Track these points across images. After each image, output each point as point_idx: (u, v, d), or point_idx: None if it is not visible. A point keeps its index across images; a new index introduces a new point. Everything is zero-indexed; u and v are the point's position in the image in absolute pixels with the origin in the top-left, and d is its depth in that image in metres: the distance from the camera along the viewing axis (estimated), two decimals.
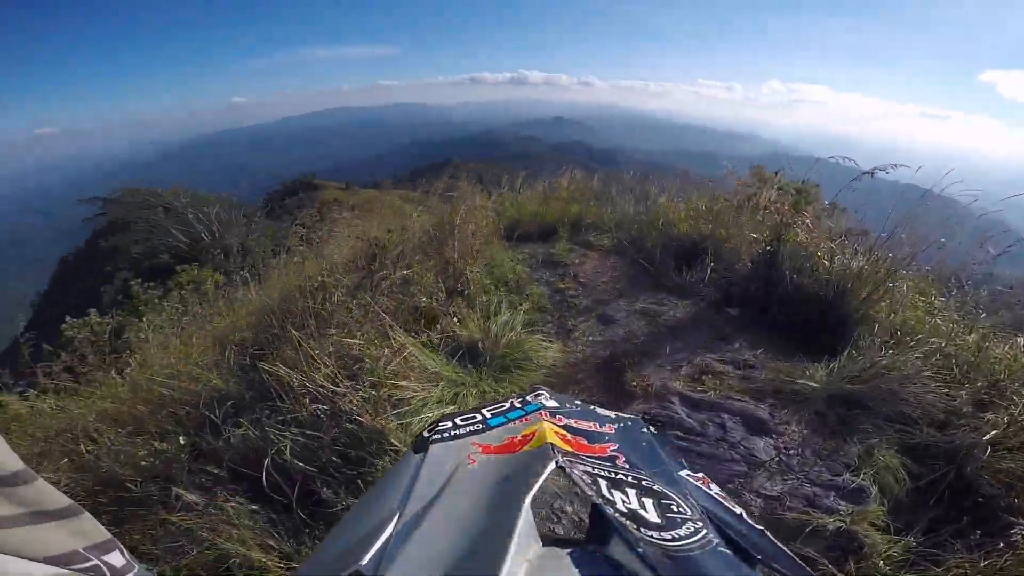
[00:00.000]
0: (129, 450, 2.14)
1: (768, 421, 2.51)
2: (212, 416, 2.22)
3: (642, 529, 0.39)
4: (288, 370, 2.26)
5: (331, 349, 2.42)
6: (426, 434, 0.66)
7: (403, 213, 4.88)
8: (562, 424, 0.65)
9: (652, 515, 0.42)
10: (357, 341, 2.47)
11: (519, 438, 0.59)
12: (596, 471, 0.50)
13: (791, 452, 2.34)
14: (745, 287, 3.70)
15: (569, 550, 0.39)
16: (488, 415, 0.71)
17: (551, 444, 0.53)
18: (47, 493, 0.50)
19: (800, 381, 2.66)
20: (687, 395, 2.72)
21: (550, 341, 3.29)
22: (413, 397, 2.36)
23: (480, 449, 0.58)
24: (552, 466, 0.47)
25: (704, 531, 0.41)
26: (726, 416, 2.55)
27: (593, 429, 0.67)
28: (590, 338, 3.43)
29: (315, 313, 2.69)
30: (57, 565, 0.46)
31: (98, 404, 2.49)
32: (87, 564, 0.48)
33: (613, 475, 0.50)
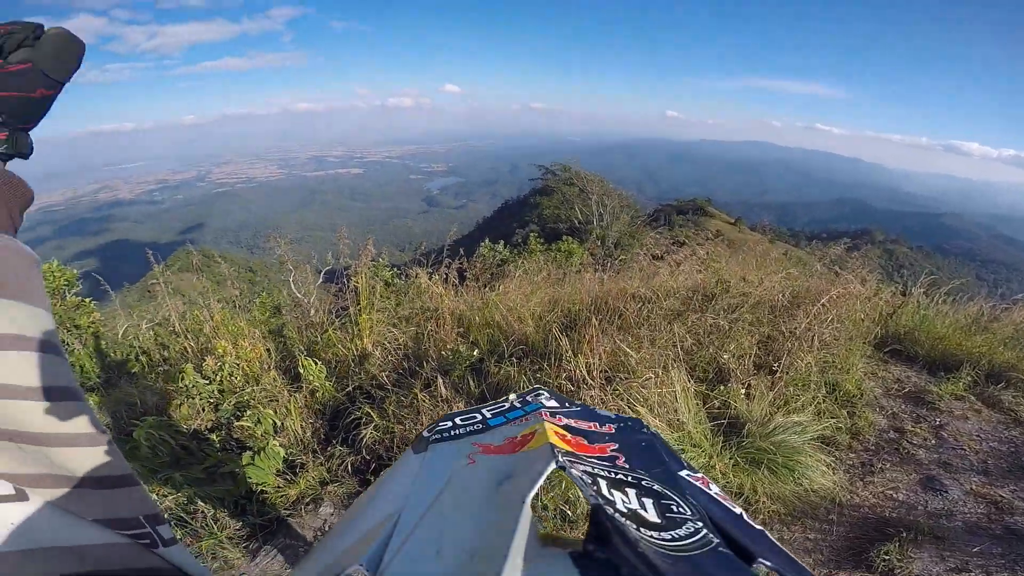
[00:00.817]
0: (443, 343, 2.87)
1: None
2: (507, 349, 2.71)
3: (642, 529, 0.39)
4: (568, 345, 2.51)
5: (610, 348, 2.55)
6: (426, 434, 0.66)
7: (773, 268, 4.43)
8: (562, 424, 0.64)
9: (652, 515, 0.42)
10: (634, 355, 2.51)
11: (519, 438, 0.58)
12: (596, 471, 0.49)
13: None
14: None
15: (569, 550, 0.39)
16: (488, 415, 0.70)
17: (551, 444, 0.52)
18: (116, 457, 0.50)
19: None
20: None
21: (834, 468, 2.60)
22: None
23: (480, 449, 0.58)
24: (552, 466, 0.46)
25: (704, 531, 0.40)
26: None
27: (593, 429, 0.65)
28: (889, 492, 2.50)
29: (624, 315, 2.86)
30: (118, 529, 0.47)
31: (455, 302, 3.39)
32: (143, 531, 0.48)
33: (613, 475, 0.49)
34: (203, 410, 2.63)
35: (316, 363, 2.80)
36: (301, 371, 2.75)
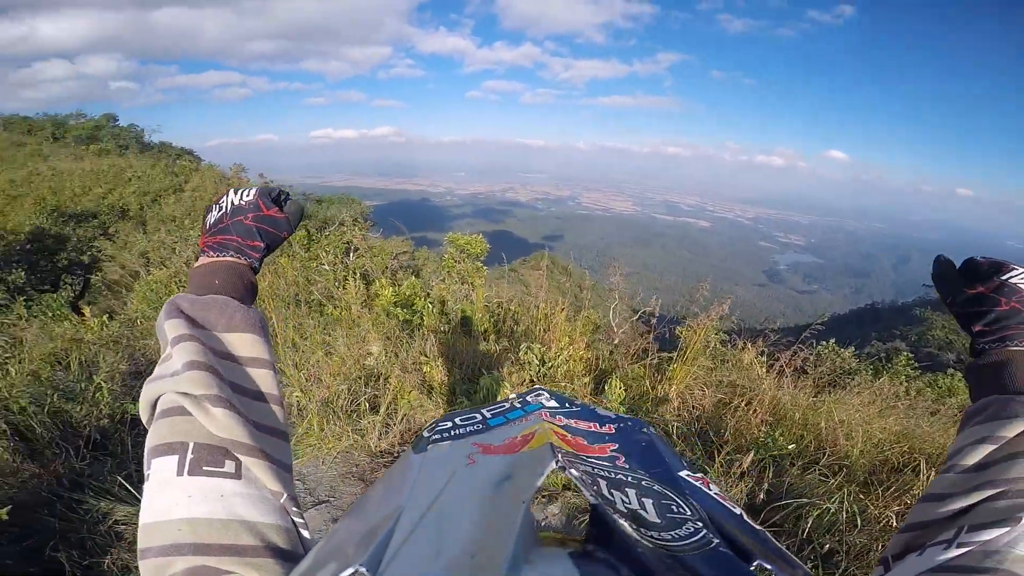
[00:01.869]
0: (747, 423, 2.87)
1: None
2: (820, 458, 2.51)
3: (642, 529, 0.38)
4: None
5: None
6: (426, 434, 0.64)
7: None
8: (562, 424, 0.61)
9: (652, 515, 0.41)
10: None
11: (519, 438, 0.57)
12: (596, 471, 0.48)
13: None
14: None
15: (569, 550, 0.39)
16: (488, 415, 0.67)
17: (551, 444, 0.51)
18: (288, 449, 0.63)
19: None
20: None
21: None
22: None
23: (480, 449, 0.57)
24: (552, 466, 0.45)
25: (704, 531, 0.39)
26: None
27: (593, 429, 0.62)
28: None
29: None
30: (292, 506, 0.58)
31: (776, 389, 3.18)
32: (298, 511, 0.58)
33: (613, 475, 0.48)
34: (523, 382, 3.25)
35: (620, 386, 3.06)
36: (606, 388, 3.05)
